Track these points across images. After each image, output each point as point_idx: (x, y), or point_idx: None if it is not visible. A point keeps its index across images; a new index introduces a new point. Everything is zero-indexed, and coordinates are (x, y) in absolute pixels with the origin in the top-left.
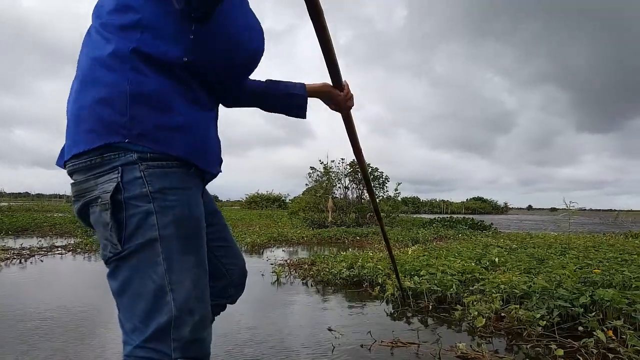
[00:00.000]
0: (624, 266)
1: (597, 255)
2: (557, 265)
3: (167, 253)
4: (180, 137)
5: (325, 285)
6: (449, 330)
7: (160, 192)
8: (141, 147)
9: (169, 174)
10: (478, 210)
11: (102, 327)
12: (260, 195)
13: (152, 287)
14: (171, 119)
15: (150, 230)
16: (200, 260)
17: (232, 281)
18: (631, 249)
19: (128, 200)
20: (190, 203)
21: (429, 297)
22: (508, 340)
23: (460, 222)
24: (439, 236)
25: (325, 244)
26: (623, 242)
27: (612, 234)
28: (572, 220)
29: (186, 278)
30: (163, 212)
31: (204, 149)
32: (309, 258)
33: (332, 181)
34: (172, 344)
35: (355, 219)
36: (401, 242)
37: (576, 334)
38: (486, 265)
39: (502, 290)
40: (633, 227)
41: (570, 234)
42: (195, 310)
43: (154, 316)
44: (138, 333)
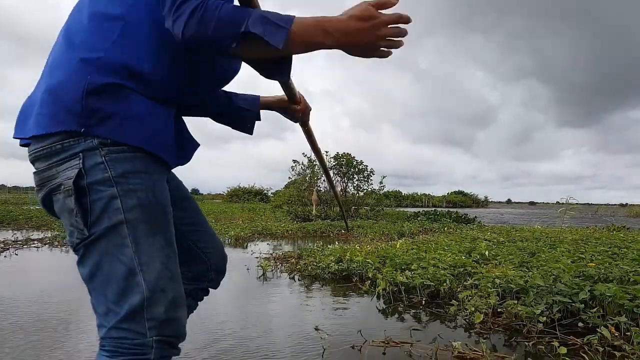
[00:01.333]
0: (617, 259)
1: (587, 249)
2: (550, 259)
3: (135, 235)
4: (133, 125)
5: (313, 280)
6: (444, 327)
7: (123, 177)
8: (102, 129)
9: (130, 159)
10: (459, 203)
11: (78, 319)
12: (242, 189)
13: (122, 269)
14: (126, 109)
15: (116, 214)
16: (169, 241)
17: (212, 265)
18: (619, 242)
19: (91, 185)
20: (155, 186)
21: (421, 292)
22: (506, 337)
23: (444, 215)
24: (424, 229)
25: (311, 237)
26: (608, 236)
27: (595, 227)
28: (557, 216)
29: (155, 258)
30: (127, 196)
31: (160, 138)
32: (295, 252)
33: (316, 174)
34: (147, 324)
35: (340, 212)
36: (387, 235)
37: (576, 330)
38: (477, 258)
39: (498, 285)
40: (612, 220)
41: (563, 228)
42: (167, 290)
43: (126, 297)
44: (112, 315)
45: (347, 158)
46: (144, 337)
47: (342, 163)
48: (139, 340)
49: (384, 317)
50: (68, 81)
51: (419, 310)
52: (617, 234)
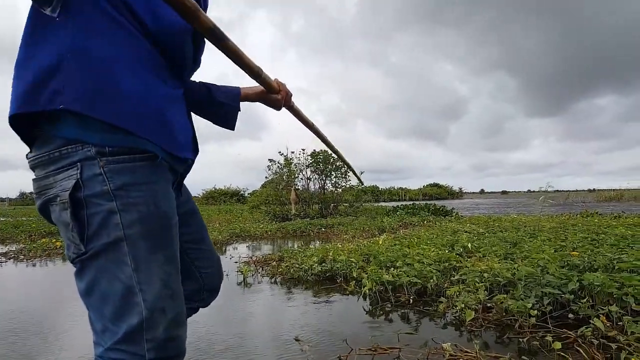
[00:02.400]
0: (597, 246)
1: (567, 236)
2: (534, 249)
3: (134, 252)
4: (134, 109)
5: (296, 283)
6: (433, 325)
7: (122, 189)
8: (99, 138)
9: (131, 169)
10: (435, 195)
11: (44, 335)
12: (218, 190)
13: (120, 287)
14: (126, 88)
15: (115, 230)
16: (171, 257)
17: (206, 285)
18: (595, 228)
19: (88, 198)
20: (157, 198)
21: (408, 290)
22: (498, 334)
23: (423, 208)
24: (404, 224)
25: (290, 237)
26: (583, 222)
27: (569, 214)
28: (529, 204)
29: (156, 277)
30: (127, 210)
31: (165, 126)
32: (276, 253)
33: (294, 173)
34: (146, 345)
35: (319, 210)
36: (368, 231)
37: (567, 322)
38: (460, 251)
39: (486, 279)
40: (584, 206)
41: (541, 216)
42: (167, 309)
43: (124, 318)
44: (109, 334)
45: (324, 155)
46: (142, 359)
47: (320, 160)
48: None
49: (371, 319)
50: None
51: (406, 309)
52: (592, 219)
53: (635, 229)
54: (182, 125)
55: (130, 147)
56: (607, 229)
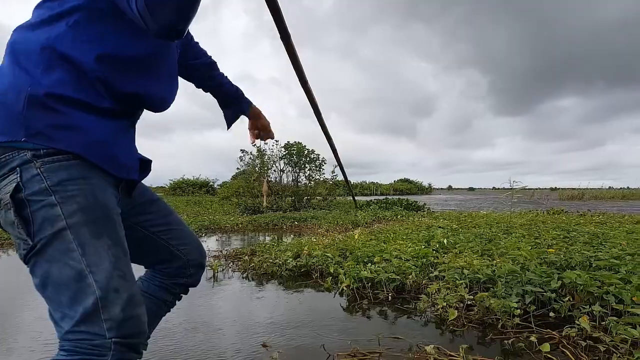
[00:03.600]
0: (572, 244)
1: (541, 234)
2: (510, 246)
3: (79, 238)
4: (77, 136)
5: (269, 278)
6: (413, 324)
7: (59, 185)
8: (33, 144)
9: (66, 167)
10: (405, 191)
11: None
12: (186, 181)
13: (71, 273)
14: (68, 120)
15: (57, 221)
16: (116, 241)
17: (189, 260)
18: (565, 225)
19: (29, 196)
20: (94, 191)
21: (387, 287)
22: (480, 333)
23: (395, 203)
24: (377, 218)
25: (262, 230)
26: (551, 220)
27: (537, 211)
28: (495, 201)
29: (104, 259)
30: (66, 202)
31: (105, 150)
32: (248, 247)
33: (267, 164)
34: (105, 324)
35: (292, 203)
36: (342, 225)
37: (548, 321)
38: (436, 247)
39: (465, 276)
40: (548, 203)
41: (512, 212)
42: (121, 289)
43: (79, 300)
44: (67, 319)
45: (298, 147)
46: (103, 338)
47: (293, 152)
48: (98, 340)
49: (348, 317)
50: (11, 91)
51: (385, 307)
52: (559, 217)
53: (603, 227)
54: (126, 150)
55: (65, 150)
56: (576, 226)
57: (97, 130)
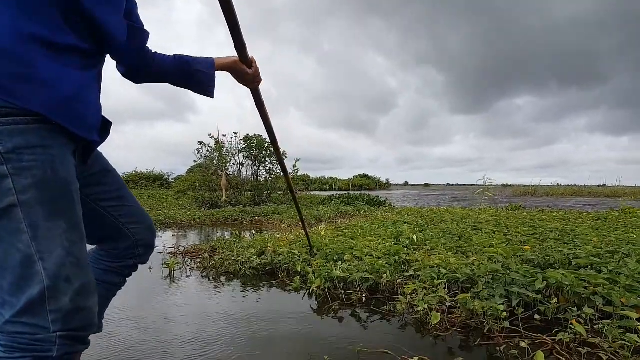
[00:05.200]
0: (544, 241)
1: (510, 230)
2: (483, 243)
3: (31, 219)
4: (41, 90)
5: (231, 278)
6: (391, 329)
7: (14, 152)
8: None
9: (23, 131)
10: (364, 186)
11: None
12: (139, 174)
13: (18, 257)
14: (32, 72)
15: (7, 196)
16: (73, 225)
17: (138, 240)
18: (529, 221)
19: None
20: (54, 162)
21: (361, 287)
22: (464, 338)
23: (357, 198)
24: (340, 213)
25: (222, 225)
26: (514, 215)
27: (496, 207)
28: (449, 197)
29: (56, 245)
30: (20, 175)
31: (72, 107)
32: (207, 244)
33: (225, 157)
34: (50, 316)
35: (251, 197)
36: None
37: (534, 324)
38: (406, 244)
39: (443, 275)
40: (504, 200)
41: (481, 209)
42: (73, 278)
43: (23, 288)
44: (8, 307)
45: (258, 140)
46: (47, 332)
47: (253, 145)
48: (40, 335)
49: (320, 322)
50: None
51: (359, 309)
52: (520, 212)
53: (567, 223)
54: (92, 107)
55: (22, 109)
56: (540, 222)
57: (63, 83)
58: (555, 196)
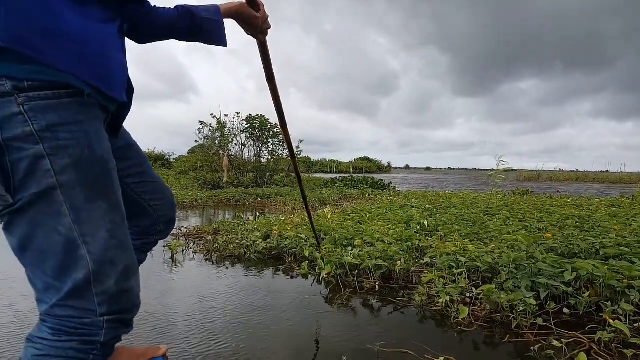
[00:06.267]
0: (563, 228)
1: (525, 216)
2: (500, 230)
3: (72, 202)
4: (68, 46)
5: (235, 262)
6: (409, 321)
7: (49, 130)
8: (15, 70)
9: (56, 107)
10: (365, 169)
11: None
12: None
13: (61, 241)
14: (57, 26)
15: (45, 177)
16: (114, 205)
17: (160, 217)
18: (542, 207)
19: (9, 142)
20: (90, 140)
21: (373, 275)
22: (490, 333)
23: (361, 181)
24: (344, 196)
25: (224, 207)
26: (522, 201)
27: (503, 192)
28: (453, 181)
29: (100, 227)
30: (57, 154)
31: (99, 64)
32: (210, 226)
33: (227, 137)
34: (96, 299)
35: (253, 178)
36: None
37: (562, 318)
38: (417, 229)
39: (463, 263)
40: (507, 184)
41: (491, 193)
42: (117, 260)
43: (68, 272)
44: (53, 291)
45: (260, 120)
46: (94, 315)
47: (256, 126)
48: (88, 319)
49: (332, 313)
50: None
51: (374, 298)
52: (529, 198)
53: (584, 209)
54: (118, 63)
55: (53, 82)
56: (552, 208)
57: (89, 38)
58: (559, 181)
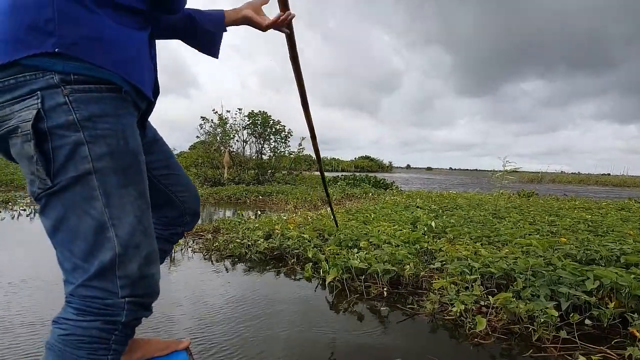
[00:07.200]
0: (576, 233)
1: (535, 219)
2: (511, 233)
3: (105, 187)
4: (111, 49)
5: (236, 262)
6: (419, 330)
7: (90, 120)
8: (63, 66)
9: (98, 100)
10: (366, 168)
11: None
12: None
13: (92, 223)
14: (105, 32)
15: (83, 163)
16: (142, 193)
17: (186, 209)
18: (550, 209)
19: (53, 129)
20: (125, 132)
21: (381, 280)
22: (509, 347)
23: (363, 180)
24: (346, 195)
25: (225, 204)
26: (529, 203)
27: (509, 193)
28: (457, 182)
29: (128, 212)
30: (95, 142)
31: (137, 67)
32: (210, 224)
33: (229, 133)
34: (119, 282)
35: (255, 176)
36: (310, 202)
37: (584, 330)
38: (424, 231)
39: (476, 270)
40: (512, 186)
41: (498, 194)
42: (141, 245)
43: (96, 254)
44: (80, 272)
45: (263, 117)
46: (116, 297)
47: (258, 122)
48: (110, 300)
49: (339, 321)
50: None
51: (381, 304)
52: (534, 200)
53: (593, 213)
54: (148, 66)
55: (96, 77)
56: (561, 211)
57: (128, 43)
58: (562, 183)
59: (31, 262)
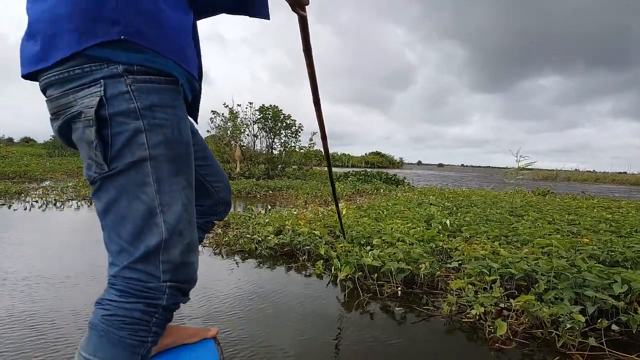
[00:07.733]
0: (597, 233)
1: (554, 218)
2: (531, 232)
3: (158, 174)
4: (171, 37)
5: (246, 257)
6: (436, 333)
7: (150, 109)
8: (126, 57)
9: (158, 90)
10: (377, 164)
11: None
12: None
13: (142, 208)
14: (159, 19)
15: (140, 150)
16: (190, 182)
17: (220, 198)
18: (568, 208)
19: (114, 116)
20: (180, 123)
21: (395, 279)
22: (531, 352)
23: (374, 176)
24: (357, 191)
25: (234, 198)
26: (545, 202)
27: (525, 191)
28: (469, 178)
29: (177, 200)
30: (153, 131)
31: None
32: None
33: (239, 127)
34: (162, 267)
35: (265, 170)
36: (320, 197)
37: (611, 336)
38: (439, 229)
39: (496, 270)
40: (527, 184)
41: (514, 192)
42: (185, 233)
43: (143, 238)
44: (125, 254)
45: (274, 111)
46: (157, 281)
47: (268, 116)
48: (153, 283)
49: (353, 323)
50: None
51: (395, 304)
52: (550, 198)
53: (614, 212)
54: (193, 53)
55: (157, 69)
56: (579, 210)
57: (182, 30)
58: (577, 181)
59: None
